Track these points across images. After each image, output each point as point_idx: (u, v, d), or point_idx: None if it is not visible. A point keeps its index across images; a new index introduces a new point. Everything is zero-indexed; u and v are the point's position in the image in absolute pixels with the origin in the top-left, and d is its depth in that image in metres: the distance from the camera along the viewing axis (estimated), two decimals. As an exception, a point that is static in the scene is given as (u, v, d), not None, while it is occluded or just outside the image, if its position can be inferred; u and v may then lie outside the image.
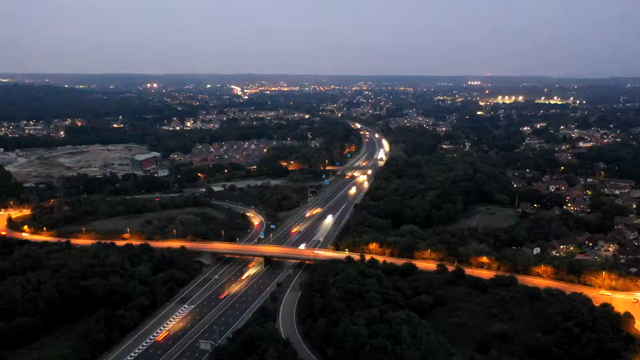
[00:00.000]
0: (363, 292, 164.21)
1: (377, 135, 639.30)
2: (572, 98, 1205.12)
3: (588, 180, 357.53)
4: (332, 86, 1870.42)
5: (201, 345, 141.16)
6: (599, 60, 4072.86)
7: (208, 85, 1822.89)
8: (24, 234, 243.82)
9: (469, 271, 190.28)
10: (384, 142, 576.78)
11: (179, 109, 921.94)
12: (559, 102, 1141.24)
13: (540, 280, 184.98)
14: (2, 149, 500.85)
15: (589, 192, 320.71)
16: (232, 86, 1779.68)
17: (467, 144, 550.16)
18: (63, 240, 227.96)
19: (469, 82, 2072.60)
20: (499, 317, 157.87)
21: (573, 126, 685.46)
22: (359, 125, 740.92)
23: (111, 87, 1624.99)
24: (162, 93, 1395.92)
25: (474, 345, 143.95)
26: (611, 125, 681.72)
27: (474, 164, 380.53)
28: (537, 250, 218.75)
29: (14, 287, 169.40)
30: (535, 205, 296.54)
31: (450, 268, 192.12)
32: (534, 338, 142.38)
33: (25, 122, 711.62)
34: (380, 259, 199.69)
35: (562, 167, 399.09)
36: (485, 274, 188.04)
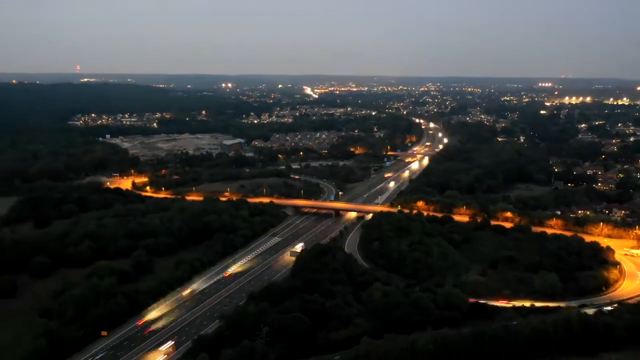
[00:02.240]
0: (409, 228, 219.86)
1: (437, 129, 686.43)
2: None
3: (625, 166, 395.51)
4: (400, 87, 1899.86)
5: (290, 254, 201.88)
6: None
7: (279, 86, 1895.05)
8: (147, 193, 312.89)
9: (494, 222, 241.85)
10: (443, 135, 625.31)
11: (255, 105, 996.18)
12: (626, 103, 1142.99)
13: (551, 230, 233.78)
14: (109, 135, 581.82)
15: (621, 175, 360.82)
16: (303, 86, 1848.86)
17: (521, 137, 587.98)
18: (178, 196, 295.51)
19: (540, 84, 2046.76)
20: (511, 248, 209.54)
21: (630, 124, 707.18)
22: (421, 121, 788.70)
23: (189, 86, 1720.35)
24: (237, 92, 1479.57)
25: (488, 263, 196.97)
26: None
27: (520, 150, 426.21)
28: (557, 213, 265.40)
29: (153, 220, 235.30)
30: (569, 184, 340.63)
31: (479, 219, 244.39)
32: (532, 259, 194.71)
33: (120, 114, 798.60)
34: (425, 212, 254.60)
35: (604, 157, 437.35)
36: (507, 225, 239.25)
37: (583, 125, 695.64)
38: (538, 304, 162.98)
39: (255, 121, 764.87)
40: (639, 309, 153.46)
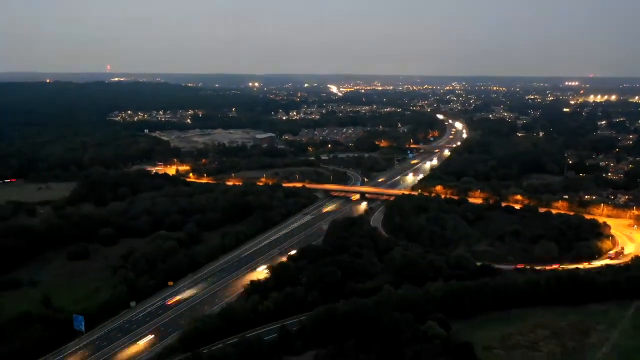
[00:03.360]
0: (427, 207, 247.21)
1: (459, 125, 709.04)
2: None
3: (637, 158, 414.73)
4: (426, 86, 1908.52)
5: (322, 226, 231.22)
6: None
7: (306, 85, 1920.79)
8: (190, 179, 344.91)
9: (505, 204, 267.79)
10: (465, 130, 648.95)
11: (283, 103, 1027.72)
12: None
13: (557, 210, 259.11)
14: (147, 130, 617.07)
15: (631, 166, 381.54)
16: (328, 85, 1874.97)
17: (540, 133, 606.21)
18: (219, 181, 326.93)
19: (566, 83, 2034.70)
20: (518, 224, 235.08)
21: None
22: (445, 117, 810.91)
23: (216, 85, 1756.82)
24: (264, 91, 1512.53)
25: (496, 236, 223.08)
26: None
27: (537, 143, 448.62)
28: (565, 197, 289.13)
29: (200, 200, 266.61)
30: (580, 174, 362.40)
31: (492, 201, 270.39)
32: (536, 232, 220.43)
33: (155, 111, 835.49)
34: (442, 195, 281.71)
35: (617, 150, 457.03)
36: (517, 206, 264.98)
37: (603, 122, 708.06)
38: (537, 267, 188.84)
39: (284, 118, 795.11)
40: (622, 269, 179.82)
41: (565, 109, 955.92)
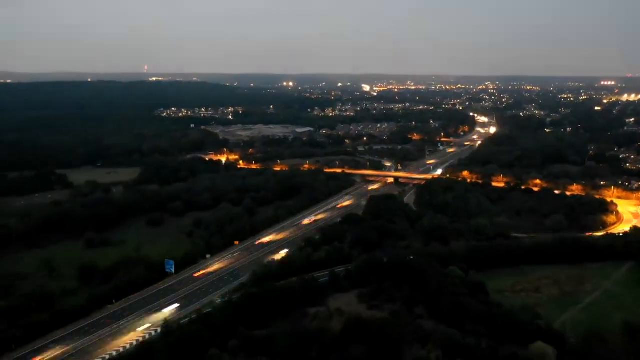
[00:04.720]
0: (453, 187, 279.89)
1: (489, 121, 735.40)
2: None
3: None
4: (459, 85, 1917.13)
5: (362, 202, 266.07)
6: None
7: (339, 84, 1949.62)
8: (240, 165, 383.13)
9: (524, 187, 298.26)
10: (495, 126, 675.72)
11: (318, 101, 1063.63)
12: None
13: (572, 193, 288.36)
14: (193, 125, 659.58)
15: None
16: (362, 84, 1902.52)
17: (568, 129, 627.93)
18: (267, 167, 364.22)
19: (602, 83, 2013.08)
20: (534, 203, 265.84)
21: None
22: (476, 115, 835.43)
23: (251, 84, 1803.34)
24: (298, 90, 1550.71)
25: (514, 212, 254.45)
26: None
27: (563, 138, 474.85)
28: (582, 183, 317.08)
29: (253, 180, 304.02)
30: (600, 164, 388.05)
31: (513, 185, 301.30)
32: (549, 209, 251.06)
33: (197, 108, 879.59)
34: (468, 180, 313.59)
35: (639, 144, 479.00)
36: (536, 189, 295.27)
37: (631, 120, 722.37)
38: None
39: (320, 115, 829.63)
40: (619, 236, 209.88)
41: (597, 108, 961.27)
